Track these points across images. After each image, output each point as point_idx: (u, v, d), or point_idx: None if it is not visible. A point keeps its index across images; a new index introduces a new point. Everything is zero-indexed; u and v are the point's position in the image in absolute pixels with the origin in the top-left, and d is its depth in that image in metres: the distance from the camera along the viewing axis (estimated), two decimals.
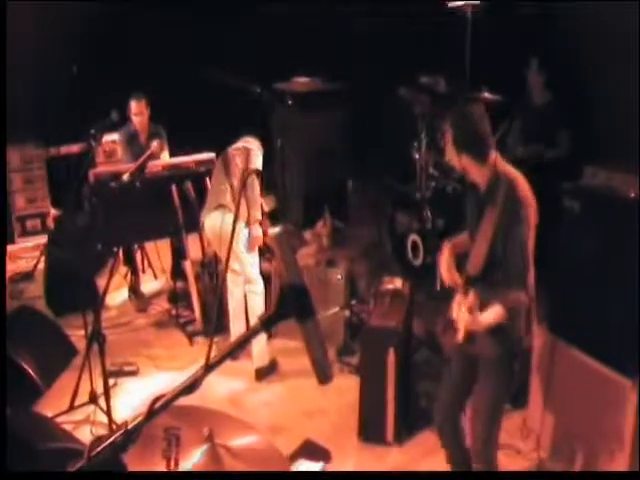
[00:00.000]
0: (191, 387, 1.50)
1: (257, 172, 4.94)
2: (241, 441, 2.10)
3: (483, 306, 3.24)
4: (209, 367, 1.51)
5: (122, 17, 7.17)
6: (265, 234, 5.11)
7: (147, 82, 6.21)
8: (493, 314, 3.23)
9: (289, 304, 1.51)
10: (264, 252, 5.43)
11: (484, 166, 3.29)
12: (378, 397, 4.41)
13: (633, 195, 3.70)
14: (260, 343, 5.13)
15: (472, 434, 3.58)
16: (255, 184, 5.01)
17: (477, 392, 3.52)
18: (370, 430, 4.49)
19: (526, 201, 3.23)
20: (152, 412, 1.47)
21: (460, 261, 3.46)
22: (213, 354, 1.60)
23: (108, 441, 1.46)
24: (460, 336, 3.26)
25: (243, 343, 1.61)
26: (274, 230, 1.63)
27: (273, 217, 5.14)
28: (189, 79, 4.61)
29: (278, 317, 1.53)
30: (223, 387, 5.07)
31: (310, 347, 1.53)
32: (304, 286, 1.52)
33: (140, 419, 1.48)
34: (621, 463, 3.75)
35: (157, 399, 1.51)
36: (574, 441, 4.06)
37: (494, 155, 3.30)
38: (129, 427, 1.47)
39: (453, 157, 3.37)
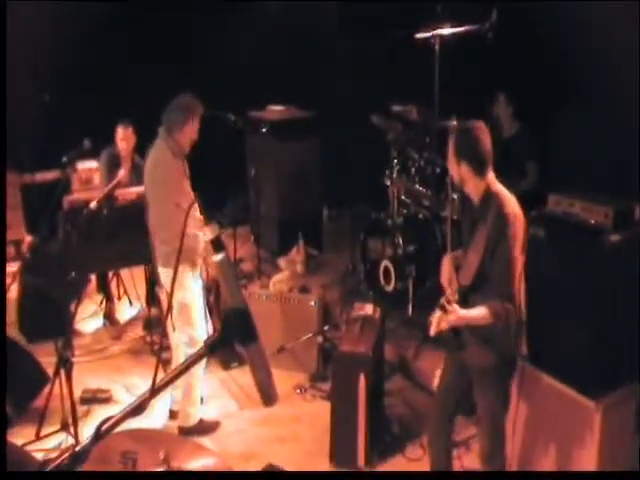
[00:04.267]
0: (138, 410, 1.54)
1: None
2: (197, 463, 2.13)
3: None
4: (155, 390, 1.55)
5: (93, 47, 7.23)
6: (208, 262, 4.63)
7: (122, 110, 6.26)
8: (476, 311, 3.36)
9: (233, 328, 1.56)
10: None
11: (481, 180, 3.46)
12: (349, 422, 4.44)
13: (593, 222, 3.79)
14: (188, 404, 4.83)
15: (479, 444, 3.78)
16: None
17: (478, 402, 3.68)
18: (342, 455, 4.51)
19: (512, 219, 3.39)
20: (99, 434, 1.51)
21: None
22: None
23: (55, 463, 1.50)
24: (432, 330, 3.39)
25: (189, 367, 1.65)
26: (217, 257, 1.67)
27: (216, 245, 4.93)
28: (160, 108, 4.66)
29: (222, 341, 1.58)
30: None
31: (254, 370, 1.58)
32: (247, 310, 1.57)
33: (87, 441, 1.52)
34: None
35: (104, 421, 1.55)
36: (542, 462, 4.11)
37: (491, 174, 3.47)
38: (76, 449, 1.51)
39: (453, 166, 3.52)
